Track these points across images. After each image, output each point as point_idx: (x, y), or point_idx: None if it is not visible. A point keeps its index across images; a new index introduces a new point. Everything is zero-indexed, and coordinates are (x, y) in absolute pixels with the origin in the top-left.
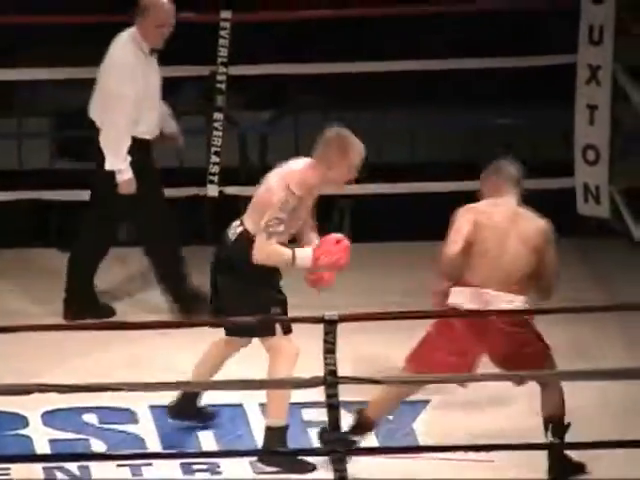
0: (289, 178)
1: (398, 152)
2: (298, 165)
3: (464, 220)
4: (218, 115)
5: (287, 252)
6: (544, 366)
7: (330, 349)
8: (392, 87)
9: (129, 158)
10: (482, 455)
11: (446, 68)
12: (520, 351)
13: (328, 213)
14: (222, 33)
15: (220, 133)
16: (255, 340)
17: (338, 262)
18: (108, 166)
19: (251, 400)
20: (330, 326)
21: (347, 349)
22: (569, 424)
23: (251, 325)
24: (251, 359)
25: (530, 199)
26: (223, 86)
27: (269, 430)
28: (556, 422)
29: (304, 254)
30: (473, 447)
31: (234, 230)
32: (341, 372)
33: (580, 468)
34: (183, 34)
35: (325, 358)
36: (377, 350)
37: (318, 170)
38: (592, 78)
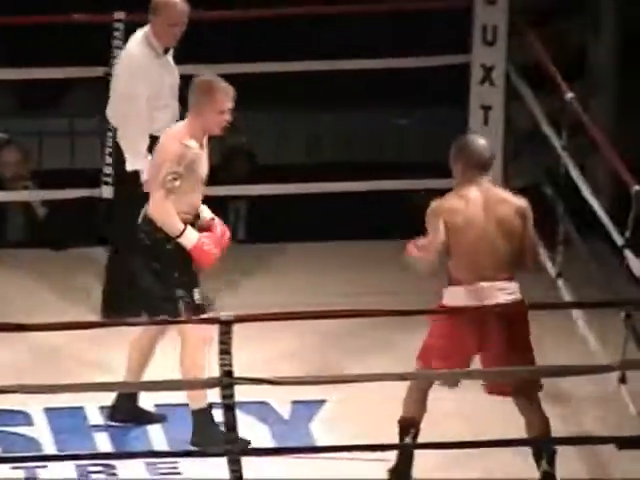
0: (179, 135)
1: (296, 153)
2: (180, 124)
3: (435, 226)
4: None
5: (179, 225)
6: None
7: (225, 350)
8: (293, 88)
9: (149, 156)
10: (377, 454)
11: (341, 68)
12: (511, 351)
13: (224, 213)
14: (116, 34)
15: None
16: None
17: (211, 256)
18: (129, 167)
19: (148, 400)
20: (226, 327)
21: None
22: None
23: (157, 307)
24: None
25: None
26: None
27: (194, 414)
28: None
29: (191, 237)
30: (368, 447)
31: (144, 211)
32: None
33: None
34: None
35: (221, 359)
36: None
37: (196, 120)
38: (486, 78)
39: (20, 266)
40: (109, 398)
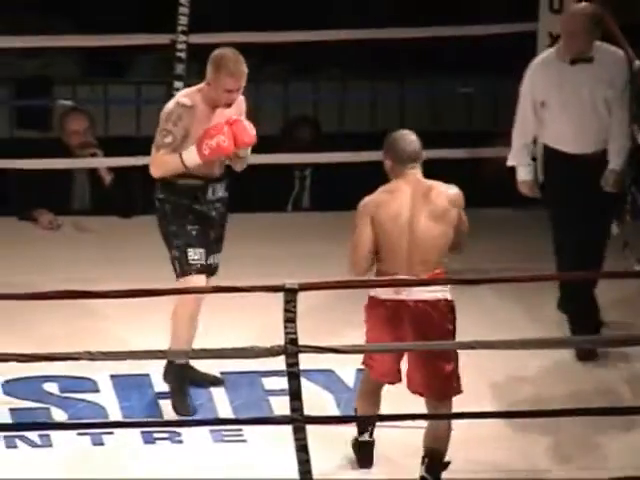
0: (179, 95)
1: (360, 121)
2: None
3: (362, 224)
4: (178, 84)
5: (174, 157)
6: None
7: (290, 318)
8: (350, 56)
9: None
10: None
11: (403, 36)
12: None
13: (289, 182)
14: (182, 1)
15: None
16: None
17: (221, 144)
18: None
19: (214, 369)
20: (290, 295)
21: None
22: (448, 463)
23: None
24: None
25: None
26: (183, 54)
27: (168, 364)
28: (435, 457)
29: (190, 150)
30: (433, 416)
31: None
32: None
33: None
34: (143, 2)
35: (285, 327)
36: (339, 319)
37: (203, 87)
38: (552, 46)
39: (87, 234)
40: None
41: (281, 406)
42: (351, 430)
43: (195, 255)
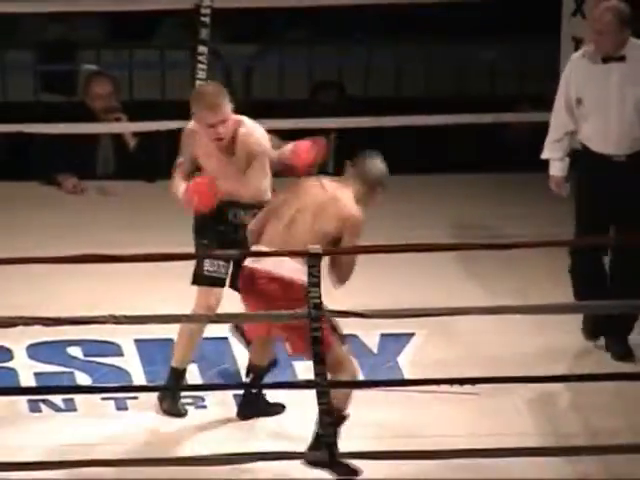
0: None
1: (384, 85)
2: None
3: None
4: (202, 48)
5: (179, 184)
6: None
7: (314, 282)
8: (376, 20)
9: None
10: (467, 388)
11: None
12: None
13: None
14: None
15: (204, 66)
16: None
17: (190, 198)
18: None
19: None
20: (314, 259)
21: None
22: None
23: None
24: None
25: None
26: (207, 19)
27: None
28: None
29: (179, 191)
30: (457, 380)
31: None
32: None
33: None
34: None
35: (309, 292)
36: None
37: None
38: (577, 11)
39: (111, 198)
40: None
41: (304, 370)
42: (373, 395)
43: (211, 267)
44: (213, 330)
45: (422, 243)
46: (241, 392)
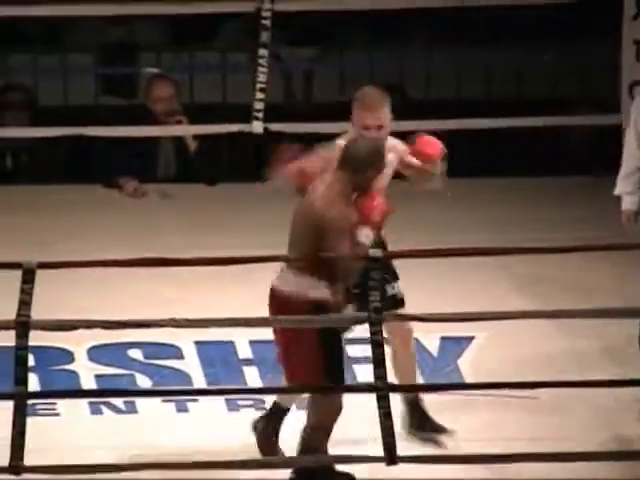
0: None
1: (445, 88)
2: None
3: None
4: (263, 51)
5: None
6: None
7: (374, 286)
8: (436, 23)
9: None
10: (527, 392)
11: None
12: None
13: None
14: None
15: (265, 69)
16: None
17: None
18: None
19: None
20: (374, 263)
21: None
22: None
23: None
24: None
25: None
26: (268, 22)
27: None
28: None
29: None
30: (518, 384)
31: None
32: None
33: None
34: None
35: (369, 295)
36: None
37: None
38: (639, 14)
39: (172, 201)
40: (258, 333)
41: (365, 374)
42: (433, 398)
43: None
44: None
45: (492, 247)
46: None
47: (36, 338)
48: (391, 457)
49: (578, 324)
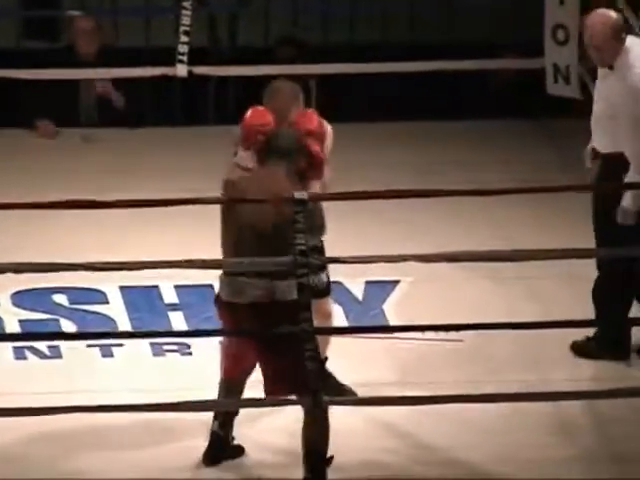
0: None
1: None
2: None
3: None
4: None
5: None
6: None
7: (299, 229)
8: None
9: None
10: (452, 335)
11: None
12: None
13: None
14: None
15: (189, 12)
16: None
17: None
18: None
19: None
20: (300, 205)
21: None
22: (331, 457)
23: None
24: None
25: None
26: None
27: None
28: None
29: None
30: (443, 327)
31: None
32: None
33: None
34: None
35: (295, 238)
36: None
37: None
38: None
39: (94, 145)
40: (183, 277)
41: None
42: (357, 342)
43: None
44: (199, 277)
45: (415, 189)
46: None
47: None
48: (316, 401)
49: (503, 267)
